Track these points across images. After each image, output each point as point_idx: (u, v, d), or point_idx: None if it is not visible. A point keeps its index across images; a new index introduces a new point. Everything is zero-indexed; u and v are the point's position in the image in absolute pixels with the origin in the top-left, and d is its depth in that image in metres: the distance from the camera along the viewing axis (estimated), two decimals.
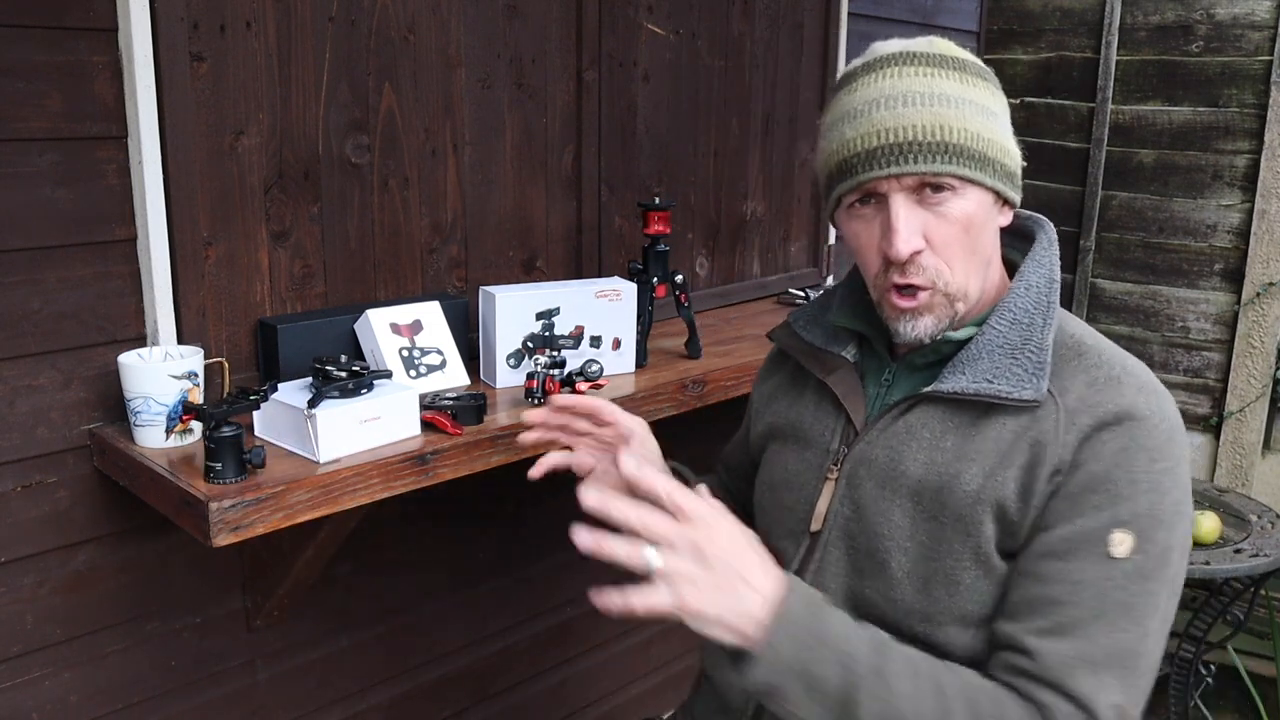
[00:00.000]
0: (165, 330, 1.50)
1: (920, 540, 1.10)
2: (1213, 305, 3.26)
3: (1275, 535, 2.37)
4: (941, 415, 1.11)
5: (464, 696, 2.10)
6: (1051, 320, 1.10)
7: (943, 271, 1.08)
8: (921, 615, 1.10)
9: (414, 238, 1.81)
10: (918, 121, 1.04)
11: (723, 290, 2.45)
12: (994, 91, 1.11)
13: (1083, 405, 1.05)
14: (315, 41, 1.62)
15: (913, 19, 2.93)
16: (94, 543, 1.52)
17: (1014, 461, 1.05)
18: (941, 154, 1.04)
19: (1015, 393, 1.06)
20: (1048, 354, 1.07)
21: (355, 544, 1.81)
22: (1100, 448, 1.03)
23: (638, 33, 2.12)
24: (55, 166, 1.39)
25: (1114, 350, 1.11)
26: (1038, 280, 1.13)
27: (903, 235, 1.06)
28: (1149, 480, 1.02)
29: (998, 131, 1.09)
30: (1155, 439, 1.04)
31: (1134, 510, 1.02)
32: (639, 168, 2.19)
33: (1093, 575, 1.01)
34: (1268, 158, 3.08)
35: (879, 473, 1.13)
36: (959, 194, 1.06)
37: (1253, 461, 3.24)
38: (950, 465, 1.08)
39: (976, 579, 1.07)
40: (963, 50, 1.11)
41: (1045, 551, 1.04)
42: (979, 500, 1.06)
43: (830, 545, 1.17)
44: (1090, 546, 1.02)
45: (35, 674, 1.50)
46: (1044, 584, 1.03)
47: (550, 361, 1.64)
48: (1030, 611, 1.03)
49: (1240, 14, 3.10)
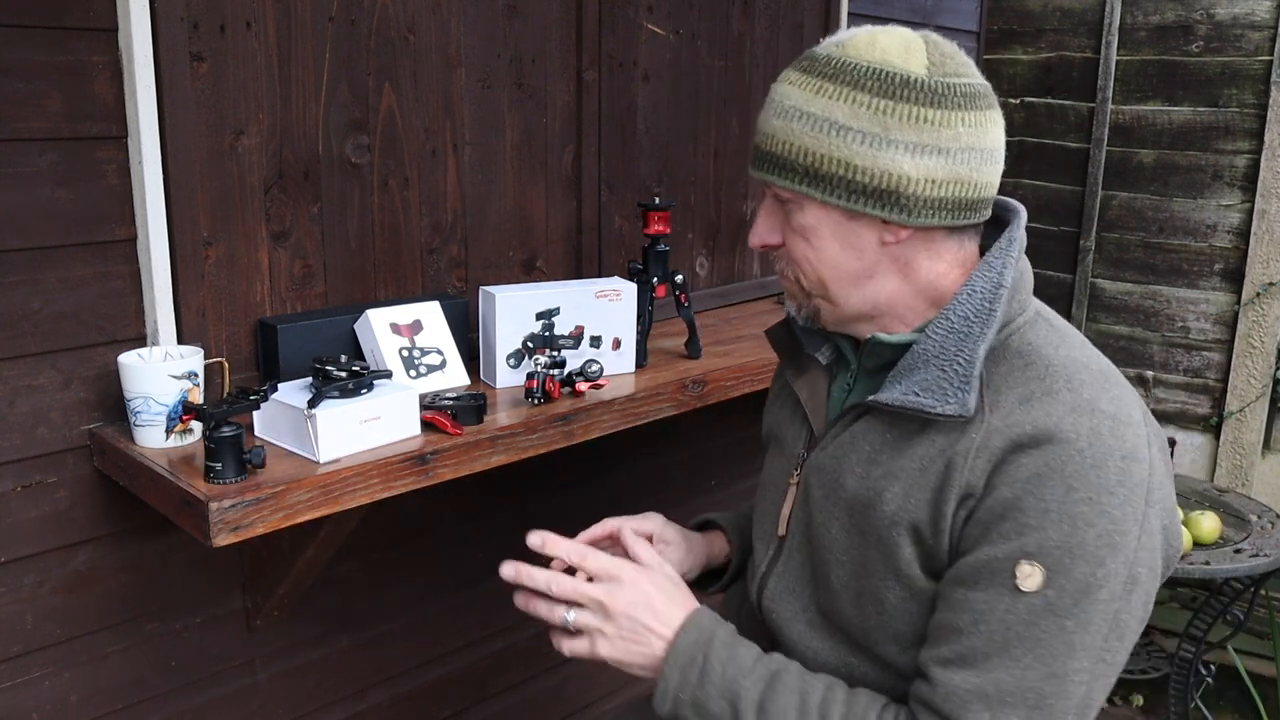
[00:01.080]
0: (165, 330, 1.50)
1: (853, 555, 1.10)
2: (1213, 305, 3.26)
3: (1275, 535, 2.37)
4: (882, 427, 1.09)
5: (464, 696, 2.10)
6: (989, 330, 1.03)
7: (794, 268, 1.12)
8: (860, 631, 1.11)
9: (414, 238, 1.81)
10: (766, 130, 1.08)
11: (723, 290, 2.45)
12: (868, 102, 1.01)
13: (1004, 424, 1.00)
14: (315, 41, 1.62)
15: (913, 19, 2.93)
16: (94, 543, 1.52)
17: (928, 484, 1.03)
18: (770, 165, 1.08)
19: (938, 407, 1.01)
20: (975, 367, 1.01)
21: (355, 544, 1.81)
22: (1013, 471, 0.97)
23: (638, 33, 2.12)
24: (55, 166, 1.39)
25: (1069, 363, 1.04)
26: (983, 286, 1.06)
27: (755, 230, 1.13)
28: (1061, 510, 0.95)
29: (846, 149, 1.02)
30: (1076, 465, 0.96)
31: (1042, 542, 0.96)
32: (639, 168, 2.19)
33: (997, 607, 0.97)
34: (1268, 158, 3.08)
35: (826, 482, 1.14)
36: (795, 205, 1.08)
37: (1253, 461, 3.24)
38: (878, 482, 1.07)
39: (902, 600, 1.06)
40: (875, 52, 1.03)
41: (956, 578, 1.01)
42: (895, 522, 1.05)
43: (793, 551, 1.20)
44: (995, 576, 0.97)
45: (35, 674, 1.50)
46: (951, 611, 1.01)
47: (550, 361, 1.64)
48: (937, 639, 1.02)
49: (1240, 14, 3.10)
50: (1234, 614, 2.52)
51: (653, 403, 1.78)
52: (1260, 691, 2.73)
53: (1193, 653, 2.50)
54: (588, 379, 1.68)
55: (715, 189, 2.39)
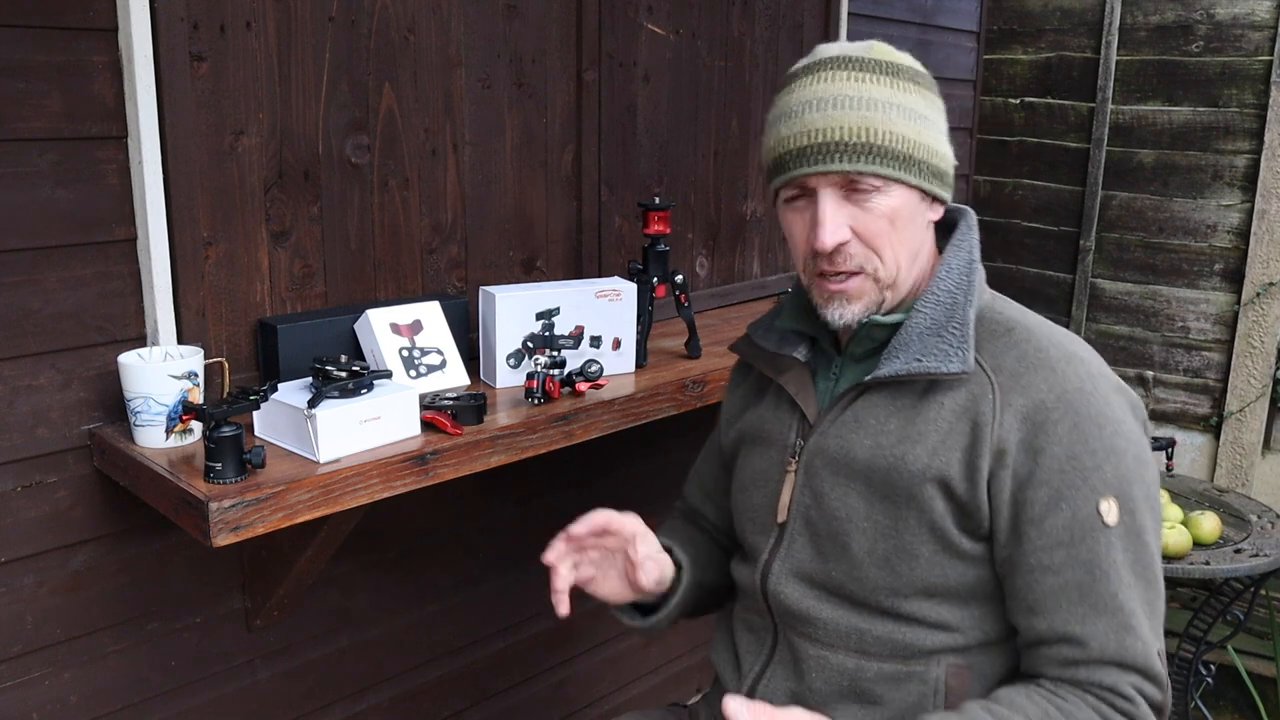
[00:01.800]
0: (165, 330, 1.50)
1: (876, 520, 1.17)
2: (1213, 305, 3.26)
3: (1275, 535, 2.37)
4: (884, 401, 1.18)
5: (464, 696, 2.10)
6: (973, 298, 1.17)
7: (871, 259, 1.16)
8: (888, 590, 1.17)
9: (414, 238, 1.81)
10: (845, 123, 1.12)
11: (723, 290, 2.45)
12: (926, 96, 1.17)
13: (1015, 384, 1.12)
14: (315, 41, 1.62)
15: (913, 19, 2.93)
16: (94, 543, 1.52)
17: (957, 444, 1.12)
18: (865, 154, 1.11)
19: (943, 367, 1.13)
20: (969, 328, 1.14)
21: (355, 544, 1.81)
22: (1053, 430, 1.10)
23: (638, 33, 2.12)
24: (55, 166, 1.39)
25: (1040, 326, 1.19)
26: (958, 263, 1.20)
27: (828, 228, 1.13)
28: (1105, 446, 1.10)
29: (926, 134, 1.15)
30: (1095, 405, 1.11)
31: (1105, 478, 1.09)
32: (639, 168, 2.19)
33: (1101, 550, 1.08)
34: (1268, 158, 3.08)
35: (832, 461, 1.21)
36: (883, 191, 1.13)
37: (1253, 461, 3.24)
38: (896, 448, 1.15)
39: (935, 552, 1.14)
40: (902, 55, 1.18)
41: (1052, 543, 1.09)
42: (925, 478, 1.13)
43: (795, 534, 1.24)
44: (1087, 524, 1.09)
45: (35, 674, 1.50)
46: (1063, 573, 1.09)
47: (550, 361, 1.64)
48: (1060, 601, 1.09)
49: (1240, 14, 3.10)
50: (1234, 614, 2.52)
51: (653, 403, 1.78)
52: (1260, 691, 2.73)
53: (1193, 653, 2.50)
54: (588, 379, 1.68)
55: (715, 189, 2.39)
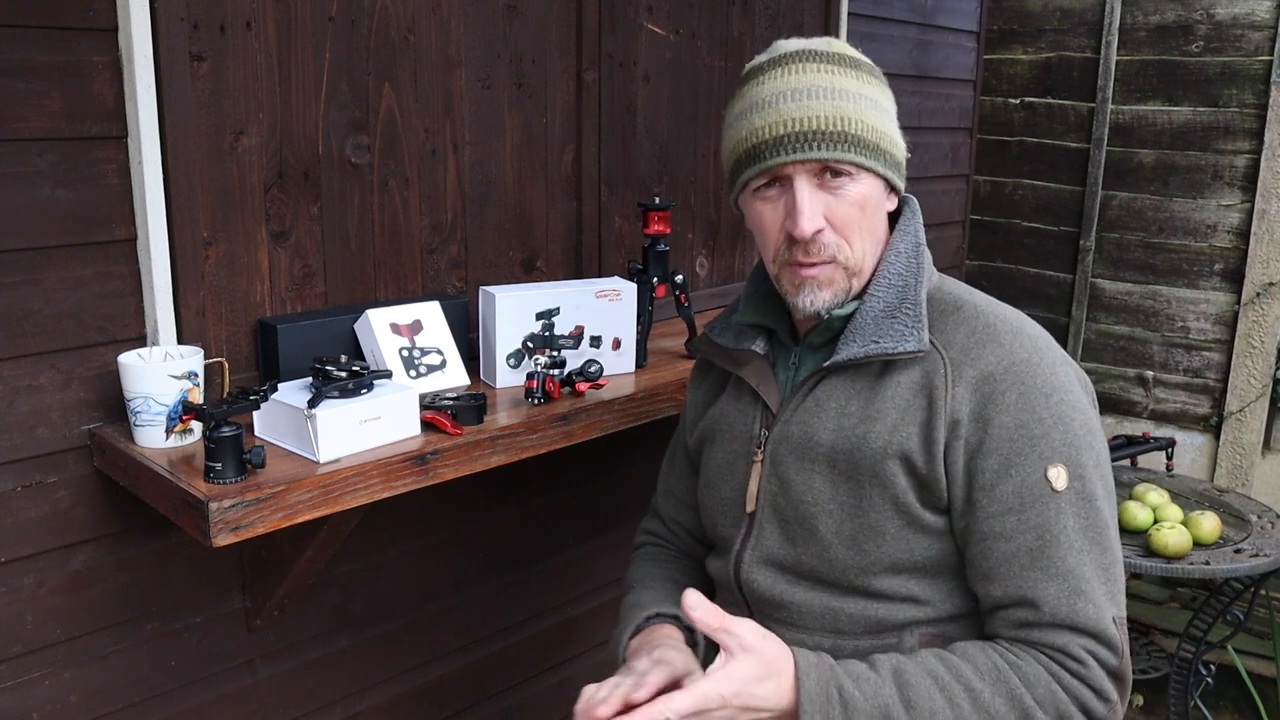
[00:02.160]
0: (165, 330, 1.50)
1: (842, 501, 1.20)
2: (1213, 305, 3.26)
3: (1275, 535, 2.37)
4: (844, 384, 1.22)
5: (464, 696, 2.10)
6: (922, 279, 1.21)
7: (842, 246, 1.18)
8: (856, 569, 1.19)
9: (414, 238, 1.81)
10: (821, 112, 1.14)
11: (723, 290, 2.45)
12: (884, 89, 1.22)
13: (965, 358, 1.16)
14: (315, 41, 1.62)
15: (912, 19, 2.93)
16: (94, 543, 1.52)
17: (914, 418, 1.16)
18: (841, 143, 1.15)
19: (899, 347, 1.16)
20: (923, 309, 1.18)
21: (355, 544, 1.81)
22: (1000, 399, 1.13)
23: (638, 33, 2.12)
24: (55, 166, 1.39)
25: (987, 303, 1.23)
26: (905, 247, 1.24)
27: (807, 215, 1.16)
28: (1053, 414, 1.13)
29: (888, 125, 1.20)
30: (1042, 375, 1.15)
31: (1053, 445, 1.12)
32: (639, 168, 2.19)
33: (1051, 515, 1.12)
34: (1268, 158, 3.08)
35: (796, 447, 1.23)
36: (855, 179, 1.17)
37: (1253, 461, 3.24)
38: (857, 428, 1.19)
39: (900, 528, 1.17)
40: (855, 50, 1.23)
41: (1002, 510, 1.13)
42: (886, 455, 1.16)
43: (764, 522, 1.27)
44: (1035, 490, 1.12)
45: (35, 674, 1.50)
46: (1010, 540, 1.13)
47: (550, 361, 1.64)
48: (1013, 567, 1.12)
49: (1240, 14, 3.10)
50: (1234, 614, 2.52)
51: (653, 403, 1.78)
52: (1260, 691, 2.73)
53: (1193, 653, 2.50)
54: (588, 379, 1.68)
55: (715, 189, 2.39)
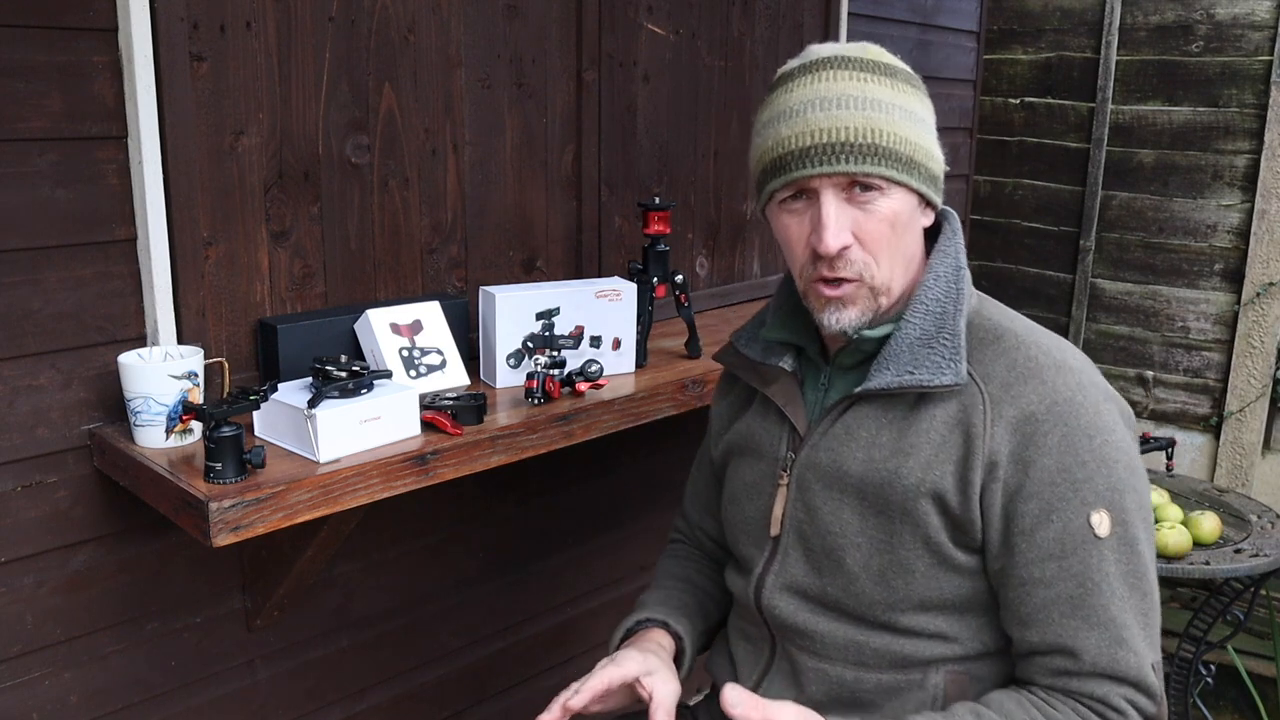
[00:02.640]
0: (165, 330, 1.50)
1: (871, 535, 1.14)
2: (1213, 305, 3.26)
3: (1275, 535, 2.37)
4: (875, 413, 1.16)
5: (464, 696, 2.10)
6: (962, 306, 1.14)
7: (869, 265, 1.12)
8: (884, 605, 1.15)
9: (414, 238, 1.81)
10: (850, 123, 1.08)
11: (723, 290, 2.45)
12: (922, 98, 1.14)
13: (1006, 394, 1.10)
14: (315, 41, 1.62)
15: (913, 19, 2.93)
16: (94, 543, 1.52)
17: (949, 455, 1.10)
18: (871, 155, 1.08)
19: (935, 379, 1.10)
20: (961, 339, 1.12)
21: (355, 544, 1.81)
22: (1042, 441, 1.08)
23: (638, 33, 2.12)
24: (55, 166, 1.39)
25: (1028, 332, 1.16)
26: (945, 270, 1.17)
27: (832, 230, 1.09)
28: (1096, 457, 1.08)
29: (924, 137, 1.12)
30: (1086, 417, 1.08)
31: (1096, 490, 1.07)
32: (639, 168, 2.19)
33: (1093, 562, 1.07)
34: (1268, 158, 3.08)
35: (824, 475, 1.18)
36: (886, 194, 1.10)
37: (1253, 461, 3.24)
38: (888, 461, 1.13)
39: (930, 566, 1.12)
40: (894, 57, 1.15)
41: (1042, 556, 1.08)
42: (919, 493, 1.11)
43: (789, 547, 1.22)
44: (1077, 537, 1.07)
45: (35, 674, 1.50)
46: (1051, 587, 1.08)
47: (550, 361, 1.64)
48: (1052, 614, 1.08)
49: (1240, 14, 3.10)
50: (1234, 614, 2.52)
51: (653, 403, 1.78)
52: (1260, 691, 2.73)
53: (1193, 653, 2.50)
54: (588, 379, 1.68)
55: (715, 189, 2.39)
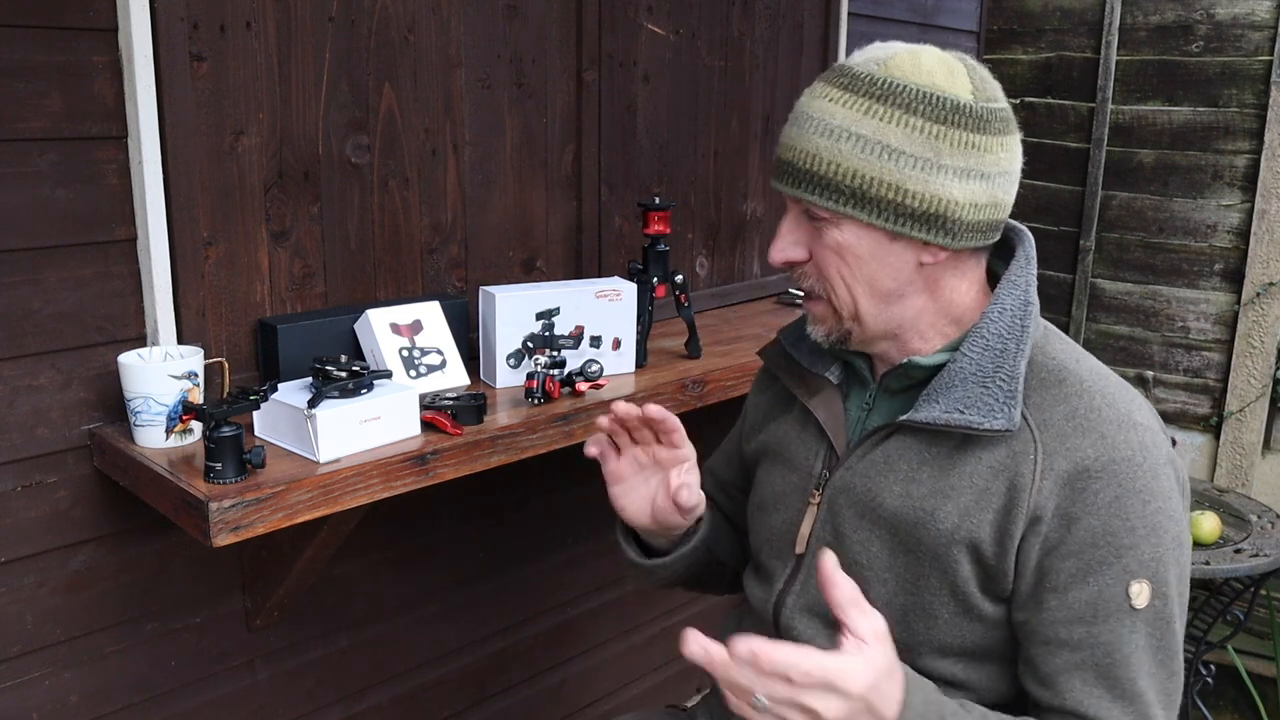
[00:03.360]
0: (165, 330, 1.50)
1: (898, 572, 1.10)
2: (1213, 305, 3.26)
3: (1275, 535, 2.37)
4: (918, 446, 1.09)
5: (464, 696, 2.10)
6: (1025, 346, 1.07)
7: (824, 286, 1.09)
8: (902, 646, 1.07)
9: (414, 238, 1.81)
10: (799, 146, 1.06)
11: (723, 290, 2.45)
12: (923, 128, 1.01)
13: (1060, 446, 1.03)
14: (315, 41, 1.62)
15: (912, 19, 2.93)
16: (94, 543, 1.52)
17: (990, 504, 1.04)
18: (807, 183, 1.05)
19: (985, 423, 1.03)
20: (1019, 382, 1.05)
21: (355, 544, 1.81)
22: (1091, 499, 1.01)
23: (638, 33, 2.12)
24: (55, 166, 1.39)
25: (1096, 375, 1.08)
26: (1012, 303, 1.09)
27: (778, 245, 1.10)
28: (1147, 524, 1.01)
29: (895, 172, 1.01)
30: (1143, 479, 1.02)
31: (1140, 559, 1.01)
32: (639, 168, 2.19)
33: (1124, 633, 1.02)
34: (1268, 158, 3.08)
35: (857, 502, 1.13)
36: (833, 224, 1.06)
37: (1253, 461, 3.24)
38: (926, 501, 1.07)
39: (954, 614, 1.08)
40: (921, 74, 1.03)
41: (1072, 618, 1.03)
42: (954, 540, 1.06)
43: (813, 569, 1.15)
44: (1113, 603, 1.02)
45: (35, 674, 1.50)
46: (1080, 650, 1.03)
47: (550, 361, 1.64)
48: (1074, 680, 1.03)
49: (1240, 14, 3.10)
50: (1234, 614, 2.52)
51: (653, 403, 1.77)
52: (1260, 691, 2.73)
53: (1193, 653, 2.50)
54: (588, 379, 1.68)
55: (715, 189, 2.39)
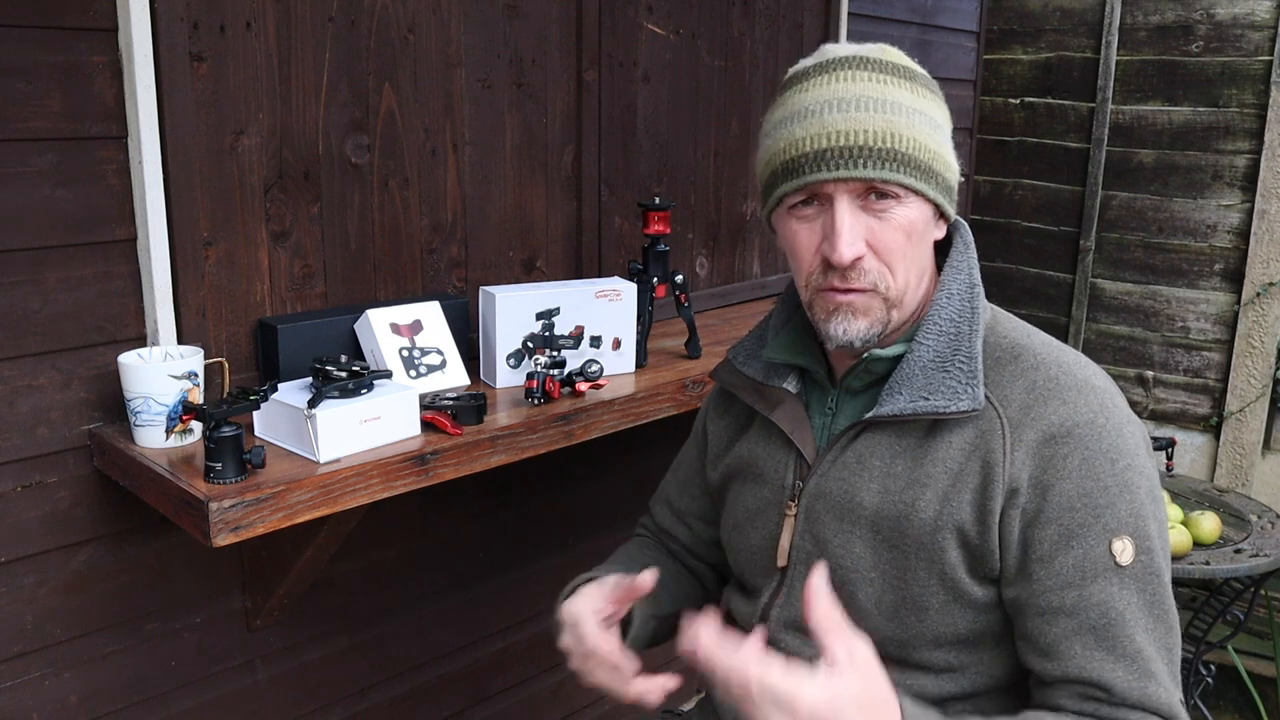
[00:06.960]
0: (165, 330, 1.50)
1: (884, 570, 1.09)
2: (1213, 305, 3.26)
3: (1275, 535, 2.37)
4: (888, 440, 1.10)
5: (464, 696, 2.10)
6: (978, 326, 1.09)
7: (884, 275, 1.06)
8: (896, 642, 1.10)
9: (414, 238, 1.81)
10: (869, 126, 1.02)
11: (723, 290, 2.45)
12: (940, 104, 1.09)
13: (1025, 417, 1.04)
14: (315, 41, 1.62)
15: (913, 19, 2.93)
16: (94, 543, 1.52)
17: (967, 485, 1.05)
18: (890, 161, 1.02)
19: (951, 406, 1.04)
20: (978, 362, 1.06)
21: (355, 544, 1.81)
22: (1063, 463, 1.02)
23: (638, 33, 2.12)
24: (55, 166, 1.39)
25: (1047, 349, 1.10)
26: (959, 287, 1.11)
27: (846, 240, 1.03)
28: (1119, 482, 1.03)
29: (942, 145, 1.07)
30: (1109, 438, 1.03)
31: (1118, 516, 1.02)
32: (639, 168, 2.19)
33: (1115, 591, 1.02)
34: (1268, 158, 3.08)
35: (835, 505, 1.12)
36: (903, 202, 1.05)
37: (1253, 461, 3.24)
38: (905, 493, 1.07)
39: (945, 603, 1.07)
40: (912, 61, 1.10)
41: (1061, 584, 1.03)
42: (938, 527, 1.06)
43: (797, 580, 1.15)
44: (1099, 564, 1.02)
45: (35, 674, 1.50)
46: (1075, 616, 1.03)
47: (550, 361, 1.64)
48: (1075, 646, 1.03)
49: (1240, 14, 3.10)
50: (1234, 614, 2.52)
51: (653, 403, 1.78)
52: (1260, 691, 2.73)
53: (1193, 653, 2.50)
54: (588, 379, 1.68)
55: (715, 189, 2.39)
